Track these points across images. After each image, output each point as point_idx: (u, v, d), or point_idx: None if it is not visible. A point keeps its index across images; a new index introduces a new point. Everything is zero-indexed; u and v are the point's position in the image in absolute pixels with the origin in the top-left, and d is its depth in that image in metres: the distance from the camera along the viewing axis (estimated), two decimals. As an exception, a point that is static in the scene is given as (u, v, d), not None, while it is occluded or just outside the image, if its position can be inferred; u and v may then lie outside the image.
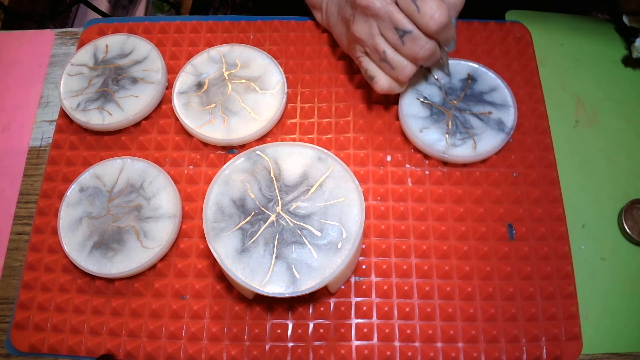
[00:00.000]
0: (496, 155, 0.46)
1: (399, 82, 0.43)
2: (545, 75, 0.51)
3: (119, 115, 0.47)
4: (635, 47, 0.50)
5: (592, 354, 0.41)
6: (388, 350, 0.40)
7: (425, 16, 0.38)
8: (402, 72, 0.42)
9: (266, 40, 0.53)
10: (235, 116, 0.46)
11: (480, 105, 0.46)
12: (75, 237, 0.43)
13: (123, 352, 0.41)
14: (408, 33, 0.39)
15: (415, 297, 0.42)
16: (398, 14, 0.39)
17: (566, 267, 0.43)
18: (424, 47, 0.40)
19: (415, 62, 0.42)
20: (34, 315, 0.42)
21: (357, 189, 0.38)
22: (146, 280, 0.43)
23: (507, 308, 0.42)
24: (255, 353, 0.40)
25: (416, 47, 0.40)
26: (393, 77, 0.43)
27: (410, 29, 0.39)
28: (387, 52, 0.41)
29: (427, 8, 0.38)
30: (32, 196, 0.48)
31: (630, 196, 0.46)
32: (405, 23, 0.39)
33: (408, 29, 0.39)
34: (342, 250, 0.36)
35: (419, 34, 0.39)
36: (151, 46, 0.50)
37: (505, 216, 0.45)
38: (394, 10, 0.39)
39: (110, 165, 0.45)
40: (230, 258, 0.36)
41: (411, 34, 0.39)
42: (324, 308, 0.42)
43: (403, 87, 0.44)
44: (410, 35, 0.39)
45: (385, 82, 0.43)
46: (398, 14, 0.39)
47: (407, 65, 0.41)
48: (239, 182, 0.39)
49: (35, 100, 0.53)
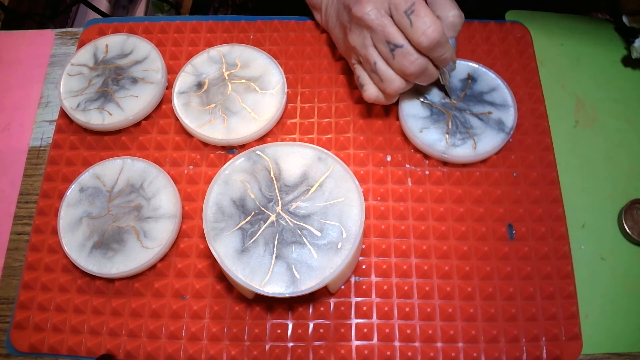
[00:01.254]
0: (496, 155, 0.46)
1: (386, 94, 0.43)
2: (545, 75, 0.51)
3: (119, 115, 0.47)
4: (635, 48, 0.50)
5: (592, 354, 0.41)
6: (388, 350, 0.40)
7: (417, 31, 0.38)
8: (390, 86, 0.42)
9: (266, 40, 0.53)
10: (235, 116, 0.46)
11: (480, 105, 0.46)
12: (75, 237, 0.43)
13: (123, 352, 0.41)
14: (399, 47, 0.39)
15: (415, 297, 0.42)
16: (391, 27, 0.39)
17: (566, 267, 0.43)
18: (414, 62, 0.39)
19: (404, 78, 0.41)
20: (34, 315, 0.42)
21: (357, 189, 0.38)
22: (146, 280, 0.43)
23: (507, 308, 0.42)
24: (255, 353, 0.40)
25: (406, 62, 0.39)
26: (381, 89, 0.43)
27: (401, 44, 0.39)
28: (378, 64, 0.41)
29: (420, 23, 0.37)
30: (32, 196, 0.48)
31: (630, 196, 0.46)
32: (397, 37, 0.39)
33: (399, 44, 0.39)
34: (342, 250, 0.36)
35: (409, 49, 0.39)
36: (151, 46, 0.50)
37: (505, 216, 0.45)
38: (388, 23, 0.39)
39: (110, 165, 0.45)
40: (230, 258, 0.36)
41: (402, 48, 0.39)
42: (324, 308, 0.42)
43: (391, 100, 0.44)
44: (400, 50, 0.39)
45: (373, 92, 0.43)
46: (391, 28, 0.39)
47: (396, 80, 0.41)
48: (239, 182, 0.39)
49: (35, 100, 0.53)
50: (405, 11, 0.38)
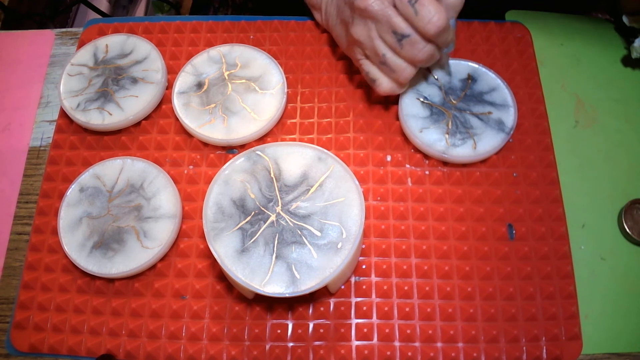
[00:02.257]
0: (496, 155, 0.46)
1: (399, 83, 0.44)
2: (545, 75, 0.51)
3: (119, 115, 0.47)
4: (634, 48, 0.50)
5: (592, 354, 0.41)
6: (388, 350, 0.40)
7: (423, 20, 0.38)
8: (402, 75, 0.42)
9: (266, 40, 0.53)
10: (235, 116, 0.46)
11: (480, 105, 0.46)
12: (75, 237, 0.43)
13: (123, 352, 0.41)
14: (406, 37, 0.39)
15: (415, 297, 0.42)
16: (396, 17, 0.39)
17: (566, 267, 0.43)
18: (422, 50, 0.40)
19: (414, 65, 0.42)
20: (34, 315, 0.42)
21: (357, 189, 0.38)
22: (146, 280, 0.43)
23: (507, 308, 0.42)
24: (255, 353, 0.40)
25: (414, 50, 0.40)
26: (393, 80, 0.43)
27: (408, 33, 0.39)
28: (387, 55, 0.41)
29: (425, 12, 0.37)
30: (32, 196, 0.48)
31: (630, 196, 0.46)
32: (404, 27, 0.39)
33: (406, 33, 0.39)
34: (342, 250, 0.36)
35: (417, 38, 0.39)
36: (151, 46, 0.50)
37: (505, 216, 0.45)
38: (392, 13, 0.39)
39: (110, 165, 0.45)
40: (230, 258, 0.36)
41: (409, 37, 0.39)
42: (324, 308, 0.42)
43: (403, 88, 0.45)
44: (408, 39, 0.39)
45: (387, 85, 0.44)
46: (396, 18, 0.39)
47: (407, 68, 0.42)
48: (239, 182, 0.39)
49: (35, 100, 0.53)
50: (410, 0, 0.38)
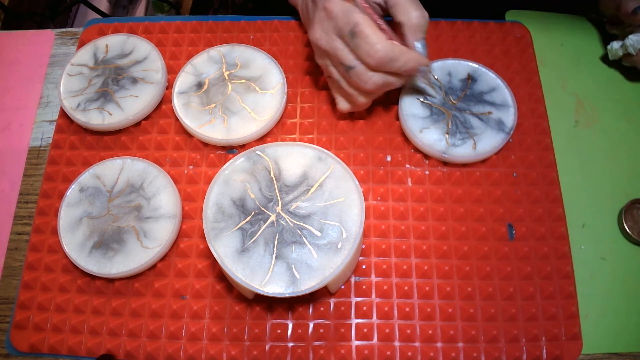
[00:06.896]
0: (496, 155, 0.46)
1: (356, 106, 0.44)
2: (545, 75, 0.51)
3: (119, 115, 0.47)
4: (610, 50, 0.50)
5: (592, 354, 0.41)
6: (388, 350, 0.40)
7: (362, 53, 0.38)
8: (356, 100, 0.43)
9: (266, 40, 0.53)
10: (235, 116, 0.46)
11: (480, 105, 0.46)
12: (75, 237, 0.43)
13: (123, 352, 0.41)
14: (352, 68, 0.39)
15: (415, 297, 0.42)
16: (342, 50, 0.39)
17: (566, 267, 0.43)
18: (368, 81, 0.40)
19: (365, 94, 0.42)
20: (34, 315, 0.42)
21: (357, 189, 0.38)
22: (146, 280, 0.43)
23: (507, 308, 0.42)
24: (255, 353, 0.40)
25: (360, 81, 0.40)
26: (350, 103, 0.44)
27: (353, 65, 0.39)
28: (341, 82, 0.42)
29: (363, 44, 0.37)
30: (32, 196, 0.48)
31: (630, 196, 0.46)
32: (349, 59, 0.39)
33: (351, 65, 0.39)
34: (342, 250, 0.36)
35: (361, 70, 0.39)
36: (151, 46, 0.50)
37: (505, 216, 0.45)
38: (338, 46, 0.39)
39: (110, 165, 0.45)
40: (230, 258, 0.36)
41: (354, 69, 0.39)
42: (324, 308, 0.42)
43: (366, 106, 0.45)
44: (354, 71, 0.39)
45: (345, 105, 0.45)
46: (342, 51, 0.39)
47: (359, 96, 0.42)
48: (239, 182, 0.39)
49: (35, 100, 0.53)
50: (349, 33, 0.38)
